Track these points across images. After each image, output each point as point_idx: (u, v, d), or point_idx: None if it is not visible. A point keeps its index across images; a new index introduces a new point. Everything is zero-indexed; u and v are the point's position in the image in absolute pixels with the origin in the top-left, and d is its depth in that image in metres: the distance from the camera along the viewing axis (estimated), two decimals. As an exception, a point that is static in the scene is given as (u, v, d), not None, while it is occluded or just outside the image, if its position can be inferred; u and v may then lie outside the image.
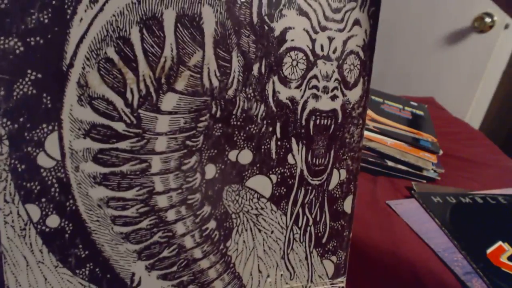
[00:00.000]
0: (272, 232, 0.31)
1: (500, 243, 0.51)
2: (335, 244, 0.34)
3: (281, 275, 0.32)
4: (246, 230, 0.30)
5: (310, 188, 0.32)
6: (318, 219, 0.33)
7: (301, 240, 0.32)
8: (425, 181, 0.66)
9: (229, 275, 0.31)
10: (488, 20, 1.15)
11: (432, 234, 0.51)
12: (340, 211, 0.33)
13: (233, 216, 0.30)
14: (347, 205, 0.34)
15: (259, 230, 0.31)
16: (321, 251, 0.33)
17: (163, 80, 0.25)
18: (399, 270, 0.45)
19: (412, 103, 0.92)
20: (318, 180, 0.32)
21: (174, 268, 0.29)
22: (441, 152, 0.70)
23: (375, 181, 0.64)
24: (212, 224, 0.29)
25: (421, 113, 0.88)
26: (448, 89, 1.27)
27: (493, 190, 0.66)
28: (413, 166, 0.66)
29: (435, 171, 0.67)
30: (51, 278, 0.26)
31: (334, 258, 0.34)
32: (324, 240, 0.33)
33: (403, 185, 0.64)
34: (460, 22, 1.21)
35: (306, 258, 0.33)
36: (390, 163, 0.66)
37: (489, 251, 0.49)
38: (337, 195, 0.33)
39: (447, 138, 0.83)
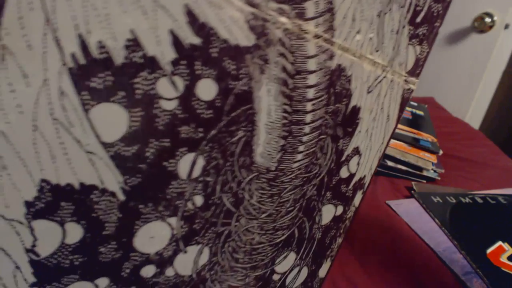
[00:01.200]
0: None
1: (500, 243, 0.51)
2: (425, 31, 0.31)
3: (371, 38, 0.29)
4: None
5: None
6: None
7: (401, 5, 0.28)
8: (425, 181, 0.66)
9: None
10: (488, 20, 1.15)
11: (432, 234, 0.51)
12: None
13: None
14: None
15: None
16: (412, 31, 0.30)
17: None
18: (399, 270, 0.45)
19: (412, 103, 0.92)
20: None
21: None
22: (441, 152, 0.70)
23: (375, 181, 0.64)
24: None
25: (421, 113, 0.88)
26: (448, 89, 1.27)
27: (493, 190, 0.66)
28: (413, 166, 0.66)
29: (435, 171, 0.67)
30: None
31: (418, 49, 0.31)
32: (419, 19, 0.30)
33: (403, 185, 0.64)
34: (460, 22, 1.21)
35: (397, 32, 0.30)
36: (390, 163, 0.66)
37: (489, 251, 0.49)
38: None
39: (447, 138, 0.83)
